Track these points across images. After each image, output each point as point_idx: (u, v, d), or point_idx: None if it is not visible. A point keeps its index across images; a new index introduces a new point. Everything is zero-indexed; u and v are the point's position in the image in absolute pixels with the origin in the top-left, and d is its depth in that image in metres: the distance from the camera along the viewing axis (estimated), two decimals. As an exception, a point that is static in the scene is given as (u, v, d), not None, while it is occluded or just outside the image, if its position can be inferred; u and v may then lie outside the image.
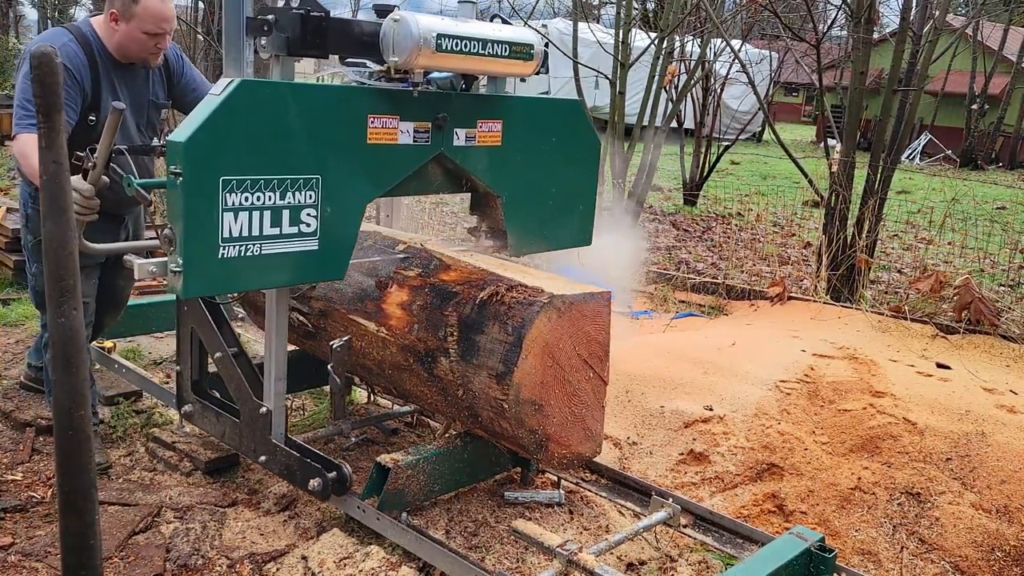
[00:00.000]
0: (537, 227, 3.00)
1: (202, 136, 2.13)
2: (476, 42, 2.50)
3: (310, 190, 2.36)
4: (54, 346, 1.84)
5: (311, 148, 2.34)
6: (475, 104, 2.73)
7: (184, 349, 3.09)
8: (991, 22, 22.32)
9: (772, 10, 8.39)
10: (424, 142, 2.59)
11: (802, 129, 29.22)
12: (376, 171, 2.51)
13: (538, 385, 2.48)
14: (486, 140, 2.77)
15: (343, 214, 2.45)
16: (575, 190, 3.08)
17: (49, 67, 1.73)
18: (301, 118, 2.31)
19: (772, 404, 3.95)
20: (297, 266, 2.38)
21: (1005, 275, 7.52)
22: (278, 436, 2.79)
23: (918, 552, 3.18)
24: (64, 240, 1.80)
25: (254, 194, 2.25)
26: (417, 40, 2.35)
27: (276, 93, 2.26)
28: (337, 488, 2.67)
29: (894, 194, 8.39)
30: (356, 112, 2.42)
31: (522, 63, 2.66)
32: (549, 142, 2.95)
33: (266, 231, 2.29)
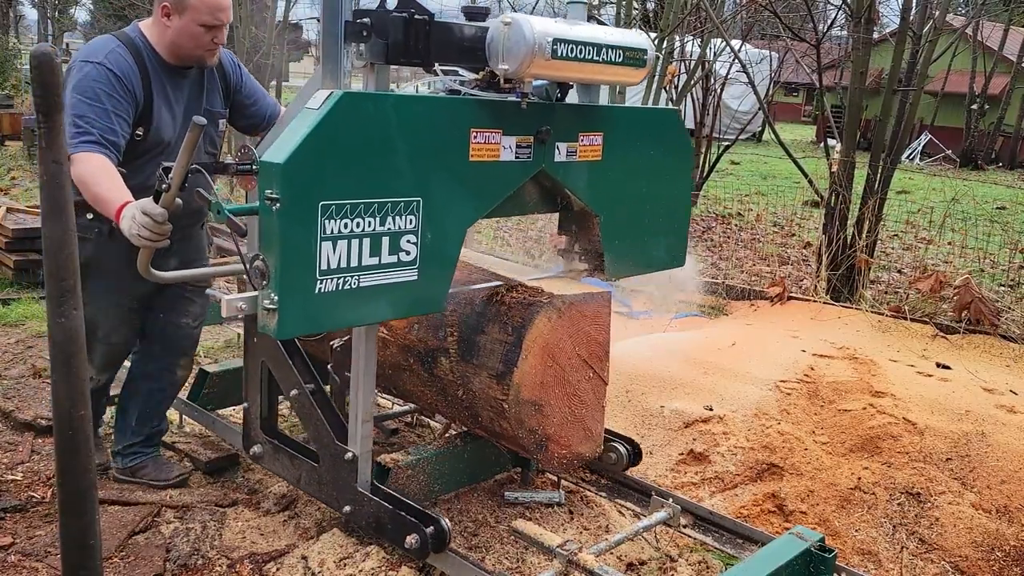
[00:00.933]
0: (634, 248, 2.77)
1: (302, 156, 1.90)
2: (591, 47, 2.27)
3: (411, 214, 2.13)
4: (54, 346, 1.84)
5: (413, 167, 2.11)
6: (577, 115, 2.49)
7: (252, 384, 2.81)
8: (991, 22, 22.32)
9: (772, 10, 8.40)
10: (526, 158, 2.35)
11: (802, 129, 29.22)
12: (478, 191, 2.27)
13: (538, 385, 2.48)
14: (587, 155, 2.52)
15: (443, 240, 2.22)
16: (671, 207, 2.86)
17: (49, 67, 1.73)
18: (403, 134, 2.08)
19: (772, 404, 3.95)
20: (395, 299, 2.16)
21: (1005, 275, 7.52)
22: (364, 484, 2.53)
23: (918, 552, 3.18)
24: (64, 240, 1.80)
25: (353, 220, 2.03)
26: (531, 46, 2.12)
27: (379, 106, 2.03)
28: (436, 544, 2.38)
29: (894, 194, 8.38)
30: (459, 126, 2.19)
31: (634, 70, 2.44)
32: (647, 155, 2.72)
33: (365, 261, 2.07)
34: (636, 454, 2.95)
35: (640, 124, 2.71)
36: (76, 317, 1.84)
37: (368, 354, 2.44)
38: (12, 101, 13.36)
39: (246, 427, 2.88)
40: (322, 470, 2.64)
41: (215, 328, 4.54)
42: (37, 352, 4.18)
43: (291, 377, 2.66)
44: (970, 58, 21.79)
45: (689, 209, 2.97)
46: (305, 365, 2.69)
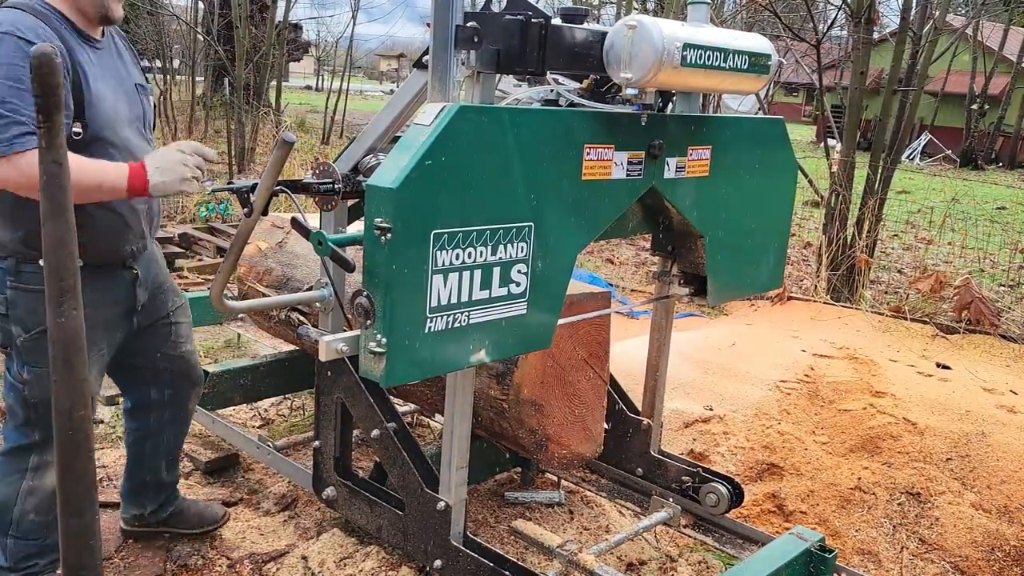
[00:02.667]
0: (737, 270, 2.56)
1: (416, 179, 1.66)
2: (720, 53, 2.07)
3: (522, 241, 1.90)
4: (54, 346, 1.84)
5: (526, 189, 1.88)
6: (686, 127, 2.25)
7: (326, 421, 2.58)
8: (991, 22, 22.32)
9: (772, 10, 8.40)
10: (637, 175, 2.12)
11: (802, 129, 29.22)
12: (589, 213, 2.03)
13: (538, 385, 2.47)
14: (695, 170, 2.30)
15: (554, 268, 1.99)
16: (772, 224, 2.65)
17: (49, 67, 1.73)
18: (518, 151, 1.85)
19: (772, 404, 3.95)
20: (504, 336, 1.92)
21: (1005, 275, 7.52)
22: (457, 536, 2.29)
23: (918, 552, 3.18)
24: (64, 240, 1.80)
25: (466, 250, 1.80)
26: (660, 52, 1.90)
27: (495, 121, 1.80)
28: None
29: (894, 194, 8.39)
30: (574, 142, 1.96)
31: (757, 77, 2.24)
32: (753, 169, 2.50)
33: (476, 295, 1.83)
34: (738, 495, 2.75)
35: (747, 136, 2.49)
36: (76, 317, 1.83)
37: (465, 395, 2.21)
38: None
39: (317, 468, 2.65)
40: (408, 520, 2.39)
41: (215, 328, 4.54)
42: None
43: (373, 416, 2.43)
44: (970, 58, 21.81)
45: (789, 226, 2.77)
46: (386, 402, 2.46)
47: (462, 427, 2.22)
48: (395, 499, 2.46)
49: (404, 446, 2.39)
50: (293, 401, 3.76)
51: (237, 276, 3.52)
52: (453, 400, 2.22)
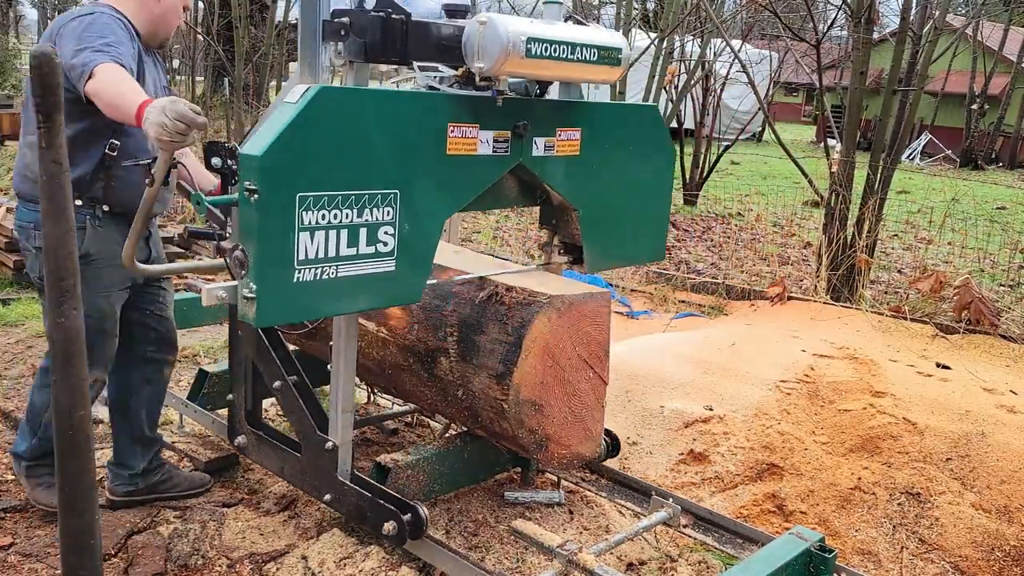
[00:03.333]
0: (613, 241, 2.82)
1: (279, 148, 1.93)
2: (566, 46, 2.33)
3: (388, 206, 2.17)
4: (54, 346, 1.84)
5: (391, 160, 2.15)
6: (555, 111, 2.54)
7: (238, 377, 2.89)
8: (991, 22, 22.32)
9: (772, 10, 8.40)
10: (503, 152, 2.40)
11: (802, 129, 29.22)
12: (455, 184, 2.32)
13: (538, 385, 2.48)
14: (565, 149, 2.58)
15: (421, 231, 2.26)
16: (651, 201, 2.90)
17: (49, 67, 1.73)
18: (381, 128, 2.12)
19: (772, 404, 3.95)
20: (374, 289, 2.19)
21: (1005, 275, 7.52)
22: (344, 473, 2.59)
23: (918, 552, 3.18)
24: (64, 240, 1.80)
25: (331, 211, 2.06)
26: (506, 45, 2.17)
27: (357, 101, 2.08)
28: (413, 532, 2.45)
29: (894, 194, 8.39)
30: (437, 121, 2.24)
31: (609, 68, 2.48)
32: (627, 151, 2.77)
33: (343, 252, 2.10)
34: (615, 446, 3.02)
35: (619, 120, 2.75)
36: (76, 317, 1.84)
37: (348, 345, 2.49)
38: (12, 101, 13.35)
39: (231, 419, 2.95)
40: (304, 460, 2.69)
41: (215, 328, 4.54)
42: (37, 352, 4.18)
43: (275, 370, 2.72)
44: (970, 58, 21.81)
45: (669, 203, 3.04)
46: (288, 358, 2.74)
47: (347, 373, 2.51)
48: (295, 444, 2.74)
49: (302, 396, 2.68)
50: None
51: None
52: (339, 348, 2.50)
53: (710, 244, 9.27)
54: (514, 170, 2.48)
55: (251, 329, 2.69)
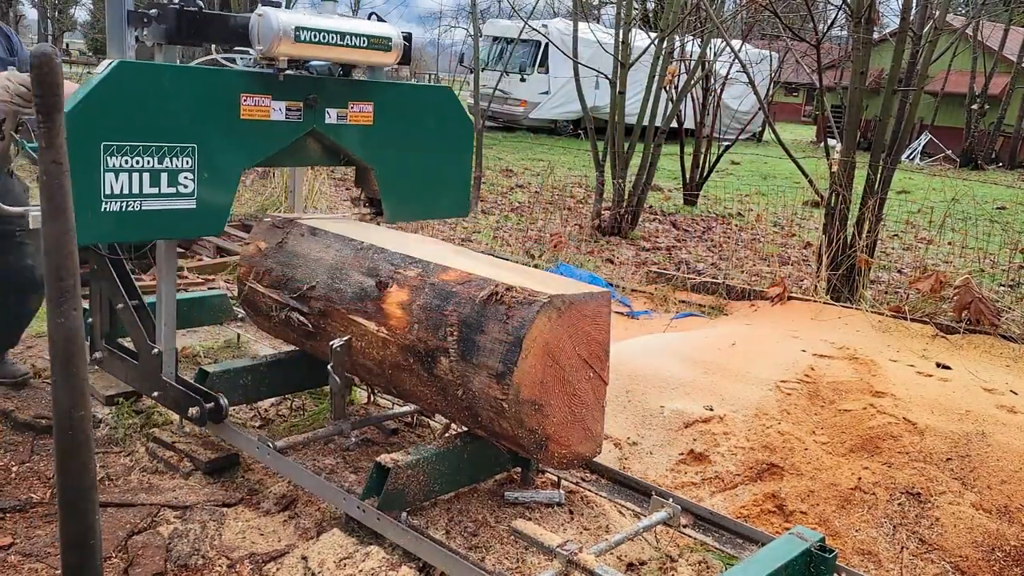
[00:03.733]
0: (410, 198, 3.38)
1: (81, 108, 2.49)
2: (334, 34, 2.87)
3: (187, 157, 2.73)
4: (53, 346, 1.84)
5: (187, 121, 2.71)
6: (346, 88, 3.10)
7: (94, 303, 3.43)
8: (991, 22, 22.32)
9: (772, 10, 8.39)
10: (296, 119, 2.97)
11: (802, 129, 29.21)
12: (250, 143, 2.88)
13: (538, 385, 2.47)
14: (358, 119, 3.14)
15: (219, 179, 2.82)
16: (449, 165, 3.45)
17: (49, 67, 1.73)
18: (177, 95, 2.67)
19: (772, 404, 3.95)
20: (176, 222, 2.76)
21: (1005, 275, 7.52)
22: (168, 375, 3.13)
23: (918, 552, 3.18)
24: (64, 240, 1.80)
25: (133, 158, 2.62)
26: (277, 31, 2.74)
27: (152, 73, 2.65)
28: (214, 416, 3.04)
29: (894, 194, 8.39)
30: (229, 91, 2.80)
31: (382, 53, 3.02)
32: (421, 123, 3.34)
33: (146, 190, 2.66)
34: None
35: (412, 97, 3.35)
36: (76, 317, 1.84)
37: (168, 265, 3.07)
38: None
39: (91, 339, 3.48)
40: (140, 366, 3.26)
41: (215, 328, 4.54)
42: (37, 352, 4.17)
43: (119, 294, 3.25)
44: (970, 58, 21.82)
45: (470, 167, 3.59)
46: (131, 285, 3.28)
47: (168, 290, 3.08)
48: (136, 355, 3.29)
49: (139, 316, 3.22)
50: (293, 401, 3.76)
51: (237, 276, 3.54)
52: (160, 270, 3.08)
53: (710, 244, 9.27)
54: (312, 135, 3.08)
55: (103, 262, 3.27)
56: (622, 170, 9.13)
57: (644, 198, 9.67)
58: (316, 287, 3.04)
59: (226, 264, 6.02)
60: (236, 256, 5.50)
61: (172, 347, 3.13)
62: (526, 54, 21.91)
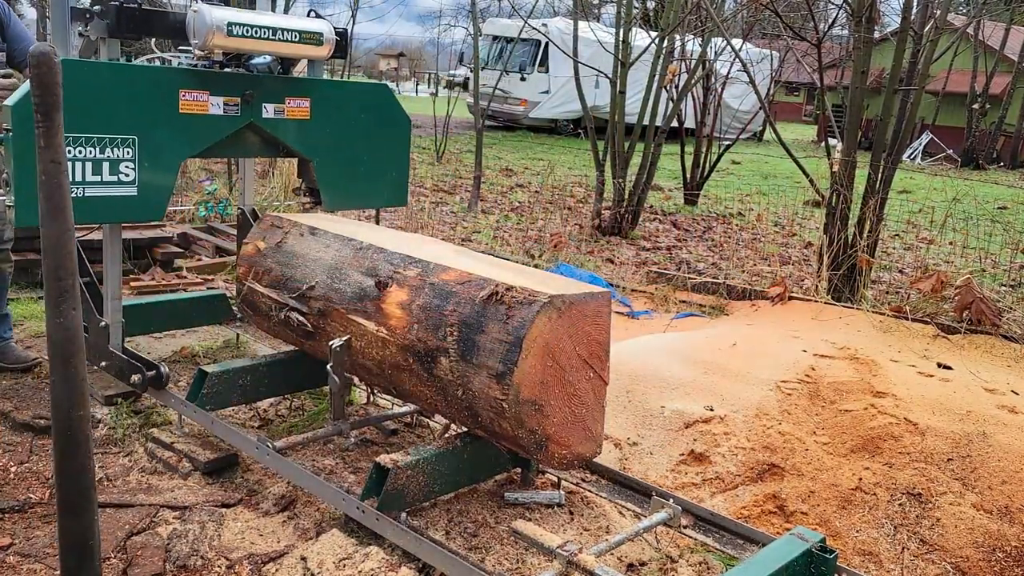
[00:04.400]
0: (348, 188, 3.57)
1: (25, 101, 2.65)
2: (266, 29, 3.02)
3: (127, 147, 2.91)
4: (53, 346, 1.84)
5: (127, 114, 2.88)
6: (283, 84, 3.28)
7: None
8: (992, 21, 22.30)
9: (773, 9, 8.38)
10: (234, 113, 3.15)
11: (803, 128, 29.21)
12: (189, 135, 3.07)
13: (538, 385, 2.47)
14: (295, 114, 3.33)
15: (159, 169, 3.01)
16: (387, 158, 3.65)
17: (49, 66, 1.73)
18: (117, 90, 2.86)
19: (773, 404, 3.94)
20: (117, 207, 2.95)
21: (1006, 275, 7.51)
22: (115, 346, 3.36)
23: (919, 553, 3.17)
24: (63, 240, 1.80)
25: (75, 148, 2.80)
26: (210, 26, 2.92)
27: (92, 70, 2.82)
28: (155, 383, 3.24)
29: (895, 194, 8.38)
30: (168, 86, 2.98)
31: (314, 47, 3.18)
32: (358, 117, 3.51)
33: (88, 178, 2.84)
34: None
35: (349, 94, 3.54)
36: (75, 317, 1.83)
37: (114, 248, 3.30)
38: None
39: None
40: (89, 340, 3.36)
41: (214, 328, 4.53)
42: (36, 352, 4.17)
43: None
44: (971, 57, 21.80)
45: (407, 160, 3.77)
46: (83, 263, 3.41)
47: (114, 269, 3.31)
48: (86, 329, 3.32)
49: (88, 292, 3.39)
50: (292, 401, 3.75)
51: (236, 276, 3.53)
52: (105, 250, 3.28)
53: (711, 244, 9.26)
54: (251, 128, 3.27)
55: None
56: (622, 169, 9.12)
57: (644, 198, 9.65)
58: (315, 287, 3.04)
59: (225, 264, 6.02)
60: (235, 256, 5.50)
61: (119, 320, 3.36)
62: (526, 53, 21.90)
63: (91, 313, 3.37)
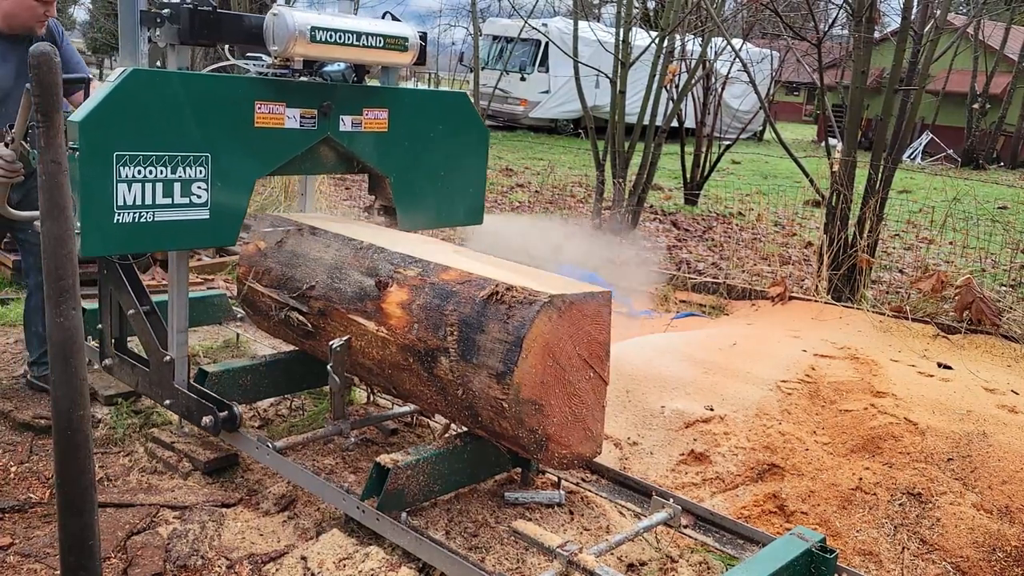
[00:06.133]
0: (426, 206, 3.32)
1: (95, 117, 2.44)
2: (350, 34, 2.80)
3: (200, 166, 2.66)
4: (53, 346, 1.84)
5: (200, 130, 2.63)
6: (361, 94, 3.03)
7: (104, 309, 3.35)
8: (992, 21, 22.30)
9: (773, 9, 8.38)
10: (311, 127, 2.90)
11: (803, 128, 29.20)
12: (264, 151, 2.81)
13: (538, 385, 2.47)
14: (372, 126, 3.08)
15: (233, 188, 2.76)
16: (464, 173, 3.39)
17: (48, 66, 1.73)
18: (190, 104, 2.60)
19: (773, 404, 3.94)
20: (189, 232, 2.70)
21: (1006, 275, 7.51)
22: (180, 382, 3.08)
23: (919, 552, 3.18)
24: (63, 239, 1.80)
25: (146, 168, 2.56)
26: (292, 31, 2.68)
27: (166, 81, 2.56)
28: (228, 425, 2.97)
29: (895, 193, 8.38)
30: (243, 98, 2.72)
31: (398, 53, 2.96)
32: (436, 129, 3.26)
33: (159, 201, 2.60)
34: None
35: (428, 103, 3.26)
36: (75, 317, 1.83)
37: (180, 276, 3.01)
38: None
39: (101, 345, 3.42)
40: (151, 373, 3.18)
41: (214, 328, 4.53)
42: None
43: (129, 300, 3.15)
44: (971, 57, 21.80)
45: (484, 174, 3.50)
46: (142, 290, 3.18)
47: (180, 300, 3.01)
48: (147, 361, 3.20)
49: (149, 321, 3.13)
50: (292, 401, 3.75)
51: (236, 276, 3.53)
52: (172, 279, 3.00)
53: (711, 244, 9.26)
54: (326, 142, 3.02)
55: (113, 268, 3.17)
56: (622, 169, 9.12)
57: (644, 197, 9.65)
58: (316, 287, 3.04)
59: (225, 264, 6.02)
60: (235, 256, 5.49)
61: (184, 355, 3.07)
62: (526, 53, 21.89)
63: (154, 346, 3.11)
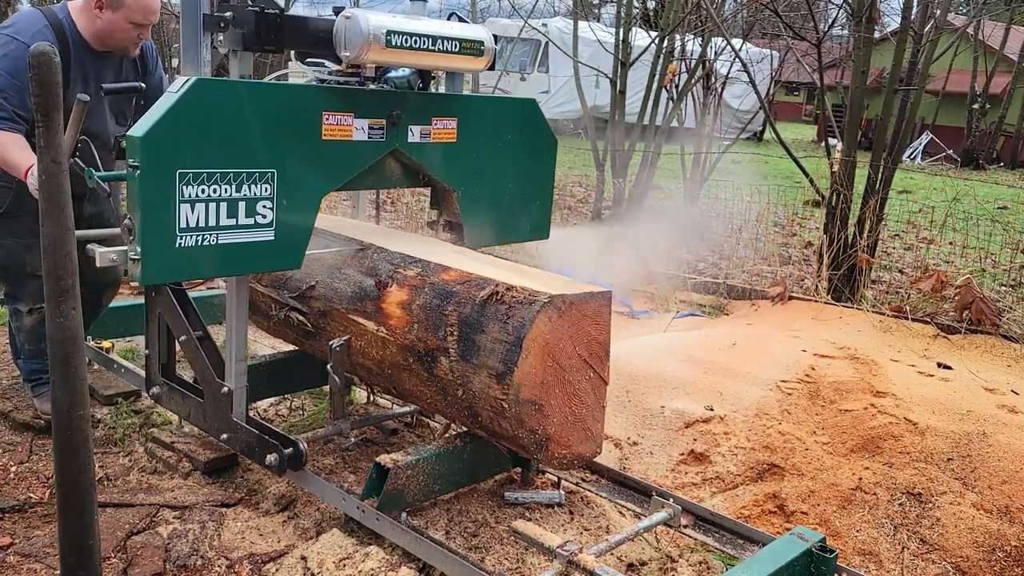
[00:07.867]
0: (493, 221, 3.11)
1: (158, 131, 2.22)
2: (426, 38, 2.60)
3: (265, 183, 2.45)
4: (53, 346, 1.84)
5: (266, 144, 2.42)
6: (430, 102, 2.83)
7: (152, 334, 3.14)
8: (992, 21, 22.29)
9: (773, 9, 8.38)
10: (379, 138, 2.70)
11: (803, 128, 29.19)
12: (331, 166, 2.61)
13: (538, 385, 2.47)
14: (441, 137, 2.87)
15: (299, 206, 2.54)
16: (532, 185, 3.19)
17: (48, 66, 1.73)
18: (256, 115, 2.39)
19: (773, 404, 3.94)
20: (254, 255, 2.48)
21: (1006, 275, 7.51)
22: (239, 415, 2.84)
23: (919, 552, 3.17)
24: (62, 239, 1.80)
25: (210, 186, 2.34)
26: (367, 36, 2.47)
27: (231, 91, 2.35)
28: (293, 463, 2.73)
29: (895, 193, 8.37)
30: (311, 109, 2.51)
31: (473, 59, 2.75)
32: (505, 139, 3.05)
33: (223, 222, 2.38)
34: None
35: (496, 111, 3.06)
36: (75, 317, 1.83)
37: (240, 303, 2.76)
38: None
39: (148, 372, 3.20)
40: (206, 404, 2.94)
41: (214, 328, 4.53)
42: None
43: (182, 325, 2.92)
44: (971, 57, 21.79)
45: (551, 186, 3.29)
46: (195, 315, 2.95)
47: (239, 327, 2.76)
48: (200, 391, 2.96)
49: (204, 348, 2.89)
50: (292, 401, 3.75)
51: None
52: (231, 306, 2.75)
53: (711, 244, 9.26)
54: (393, 154, 2.79)
55: (164, 291, 2.95)
56: (622, 169, 9.12)
57: (645, 197, 9.65)
58: (315, 287, 3.04)
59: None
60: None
61: (243, 385, 2.84)
62: (526, 53, 21.89)
63: (210, 376, 2.86)
